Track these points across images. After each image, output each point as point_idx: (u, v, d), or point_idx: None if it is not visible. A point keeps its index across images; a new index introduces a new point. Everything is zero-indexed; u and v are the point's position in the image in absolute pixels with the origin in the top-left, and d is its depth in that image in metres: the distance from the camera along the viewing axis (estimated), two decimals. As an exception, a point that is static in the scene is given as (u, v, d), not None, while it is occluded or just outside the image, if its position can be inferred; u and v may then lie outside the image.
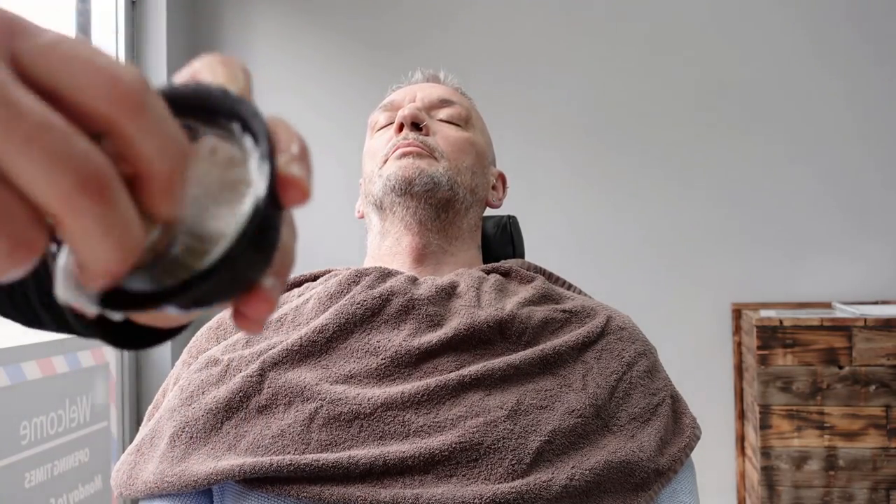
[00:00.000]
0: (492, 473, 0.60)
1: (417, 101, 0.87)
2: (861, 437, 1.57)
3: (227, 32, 2.18)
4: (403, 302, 0.71)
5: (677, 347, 1.86)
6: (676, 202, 2.03)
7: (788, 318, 1.62)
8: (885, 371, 1.56)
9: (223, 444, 0.64)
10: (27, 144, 0.19)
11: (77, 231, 0.20)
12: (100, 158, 0.20)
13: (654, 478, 0.66)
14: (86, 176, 0.19)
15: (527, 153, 2.04)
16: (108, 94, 0.20)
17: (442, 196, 0.81)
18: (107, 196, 0.20)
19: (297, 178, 0.24)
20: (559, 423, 0.64)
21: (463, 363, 0.68)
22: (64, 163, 0.19)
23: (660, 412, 0.71)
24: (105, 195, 0.20)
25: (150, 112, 0.21)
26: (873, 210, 1.97)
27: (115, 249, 0.20)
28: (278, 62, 2.17)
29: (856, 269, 1.96)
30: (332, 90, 2.15)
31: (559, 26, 2.10)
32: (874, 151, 1.98)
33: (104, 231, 0.20)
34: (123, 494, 0.67)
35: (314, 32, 2.18)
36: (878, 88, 1.98)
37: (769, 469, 1.59)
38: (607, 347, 0.73)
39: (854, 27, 1.99)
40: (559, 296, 0.79)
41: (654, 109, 2.05)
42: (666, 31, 2.07)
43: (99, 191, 0.20)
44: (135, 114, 0.20)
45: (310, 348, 0.68)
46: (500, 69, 2.08)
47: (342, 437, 0.62)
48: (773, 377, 1.60)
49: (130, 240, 0.21)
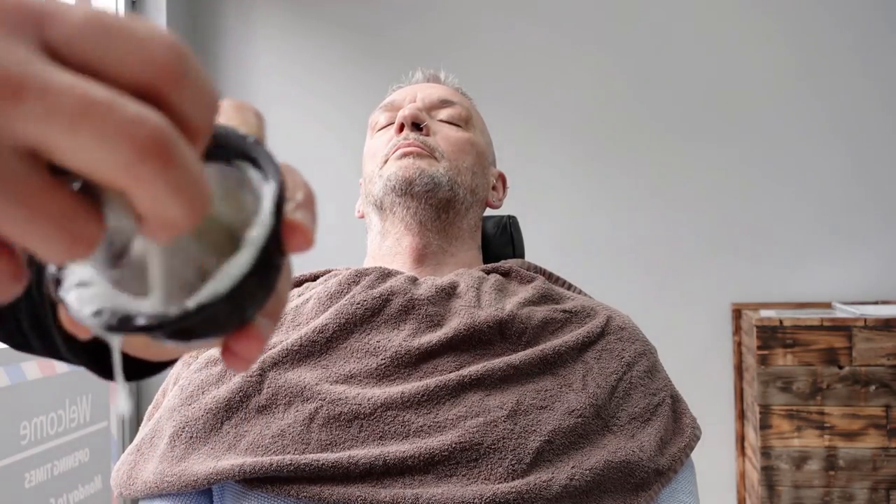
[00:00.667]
0: (492, 473, 0.60)
1: (418, 101, 0.87)
2: (861, 437, 1.57)
3: (227, 32, 2.18)
4: (403, 302, 0.71)
5: (677, 347, 1.86)
6: (677, 202, 2.03)
7: (788, 319, 1.62)
8: (885, 371, 1.56)
9: (223, 443, 0.64)
10: (76, 124, 0.18)
11: (147, 197, 0.20)
12: (154, 119, 0.19)
13: (655, 477, 0.66)
14: (143, 141, 0.19)
15: (527, 153, 2.04)
16: (147, 67, 0.20)
17: (442, 196, 0.81)
18: (170, 156, 0.19)
19: (303, 226, 0.24)
20: (559, 423, 0.64)
21: (463, 363, 0.68)
22: (118, 133, 0.19)
23: (660, 412, 0.72)
24: (168, 156, 0.19)
25: (191, 77, 0.21)
26: (873, 210, 1.97)
27: (187, 204, 0.20)
28: (278, 62, 2.17)
29: (856, 269, 1.96)
30: (331, 89, 2.15)
31: (559, 28, 2.10)
32: (871, 152, 1.98)
33: (175, 191, 0.20)
34: (123, 494, 0.67)
35: (314, 32, 2.18)
36: (874, 92, 1.98)
37: (769, 469, 1.59)
38: (607, 347, 0.73)
39: (842, 38, 1.99)
40: (559, 296, 0.79)
41: (654, 111, 2.06)
42: (667, 34, 2.07)
43: (160, 153, 0.19)
44: (176, 82, 0.20)
45: (310, 348, 0.68)
46: (501, 70, 2.09)
47: (342, 437, 0.62)
48: (773, 377, 1.60)
49: (200, 190, 0.21)
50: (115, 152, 0.19)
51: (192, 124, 0.21)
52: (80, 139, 0.18)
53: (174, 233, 0.21)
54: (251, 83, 2.17)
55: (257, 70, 2.17)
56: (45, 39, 0.19)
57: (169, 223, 0.21)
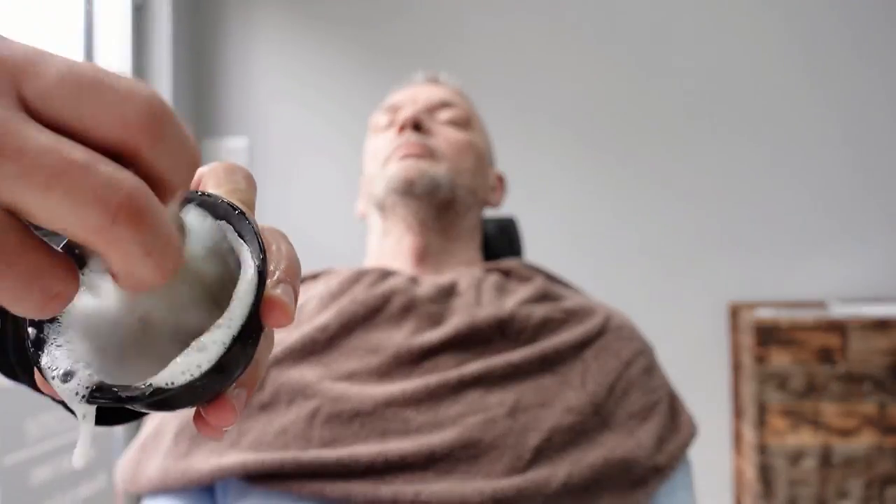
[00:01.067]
0: (492, 470, 0.61)
1: (419, 102, 0.88)
2: (856, 434, 1.58)
3: (231, 37, 2.19)
4: (404, 301, 0.72)
5: (674, 346, 1.87)
6: (673, 202, 2.04)
7: (784, 317, 1.63)
8: (879, 369, 1.57)
9: (226, 440, 0.65)
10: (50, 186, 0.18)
11: (118, 258, 0.20)
12: (128, 182, 0.19)
13: (652, 475, 0.67)
14: (118, 204, 0.19)
15: (526, 154, 2.05)
16: (123, 125, 0.20)
17: (443, 197, 0.82)
18: (141, 219, 0.19)
19: (282, 303, 0.24)
20: (558, 421, 0.65)
21: (463, 361, 0.68)
22: (91, 197, 0.19)
23: (657, 410, 0.72)
24: (139, 219, 0.19)
25: (167, 135, 0.20)
26: (869, 209, 1.97)
27: (158, 265, 0.20)
28: (282, 65, 2.17)
29: (851, 268, 1.97)
30: (333, 91, 2.15)
31: (559, 28, 2.11)
32: (869, 152, 1.99)
33: (146, 252, 0.20)
34: (128, 490, 0.67)
35: (317, 35, 2.18)
36: (877, 88, 1.99)
37: (765, 466, 1.60)
38: (606, 346, 0.74)
39: (844, 34, 2.00)
40: (558, 295, 0.80)
41: (651, 111, 2.06)
42: (662, 34, 2.07)
43: (132, 217, 0.19)
44: (152, 140, 0.20)
45: (311, 346, 0.69)
46: (501, 72, 2.09)
47: (343, 434, 0.63)
48: (769, 375, 1.61)
49: (171, 251, 0.21)
50: (87, 215, 0.19)
51: (167, 182, 0.21)
52: (53, 201, 0.18)
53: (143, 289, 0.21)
54: (252, 82, 2.17)
55: (259, 72, 2.17)
56: (23, 95, 0.19)
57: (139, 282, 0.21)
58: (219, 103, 2.17)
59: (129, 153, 0.20)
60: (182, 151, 0.21)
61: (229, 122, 2.17)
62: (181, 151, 0.21)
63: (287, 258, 0.26)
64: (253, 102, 2.16)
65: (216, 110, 2.17)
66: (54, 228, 0.19)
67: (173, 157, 0.21)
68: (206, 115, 2.17)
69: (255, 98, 2.16)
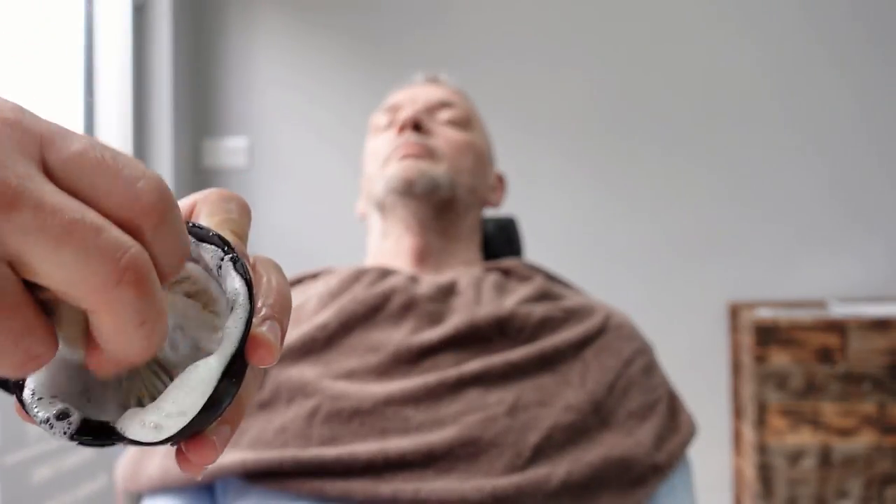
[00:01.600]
0: (491, 468, 0.61)
1: (418, 103, 0.88)
2: (855, 434, 1.58)
3: (231, 37, 2.19)
4: (404, 299, 0.72)
5: (674, 345, 1.87)
6: (673, 201, 2.04)
7: (784, 317, 1.63)
8: (878, 369, 1.58)
9: (226, 439, 0.65)
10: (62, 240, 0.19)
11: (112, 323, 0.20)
12: (136, 248, 0.20)
13: (652, 473, 0.67)
14: (125, 265, 0.20)
15: (526, 154, 2.05)
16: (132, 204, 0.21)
17: (443, 197, 0.82)
18: (145, 284, 0.20)
19: (267, 342, 0.24)
20: (558, 419, 0.65)
21: (463, 360, 0.68)
22: (102, 254, 0.19)
23: (657, 409, 0.72)
24: (144, 284, 0.20)
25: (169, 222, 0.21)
26: (869, 209, 1.98)
27: (148, 337, 0.21)
28: (282, 65, 2.18)
29: (850, 268, 1.97)
30: (334, 91, 2.15)
31: (559, 29, 2.11)
32: (870, 150, 1.99)
33: (140, 320, 0.20)
34: (129, 489, 0.68)
35: (318, 34, 2.18)
36: (876, 87, 1.99)
37: (764, 466, 1.60)
38: (605, 345, 0.74)
39: (853, 25, 2.00)
40: (558, 294, 0.80)
41: (651, 110, 2.06)
42: (662, 34, 2.08)
43: (139, 280, 0.20)
44: (156, 224, 0.21)
45: (311, 345, 0.69)
46: (501, 70, 2.09)
47: (343, 432, 0.63)
48: (769, 375, 1.61)
49: (162, 325, 0.21)
50: (94, 272, 0.19)
51: (161, 267, 0.21)
52: (63, 255, 0.19)
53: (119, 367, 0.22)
54: (252, 82, 2.17)
55: (260, 72, 2.17)
56: (45, 160, 0.20)
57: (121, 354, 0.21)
58: (219, 103, 2.18)
59: (133, 231, 0.21)
60: (178, 241, 0.22)
61: (229, 122, 2.17)
62: (177, 240, 0.22)
63: (276, 292, 0.26)
64: (253, 102, 2.17)
65: (216, 110, 2.18)
66: (55, 285, 0.19)
67: (170, 244, 0.22)
68: (206, 115, 2.17)
69: (255, 98, 2.17)
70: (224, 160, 2.15)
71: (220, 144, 2.15)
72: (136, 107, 1.97)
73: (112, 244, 0.19)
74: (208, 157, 2.15)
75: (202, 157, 2.16)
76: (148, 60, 2.00)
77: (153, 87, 2.00)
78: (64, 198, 0.20)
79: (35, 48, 1.77)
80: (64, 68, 1.88)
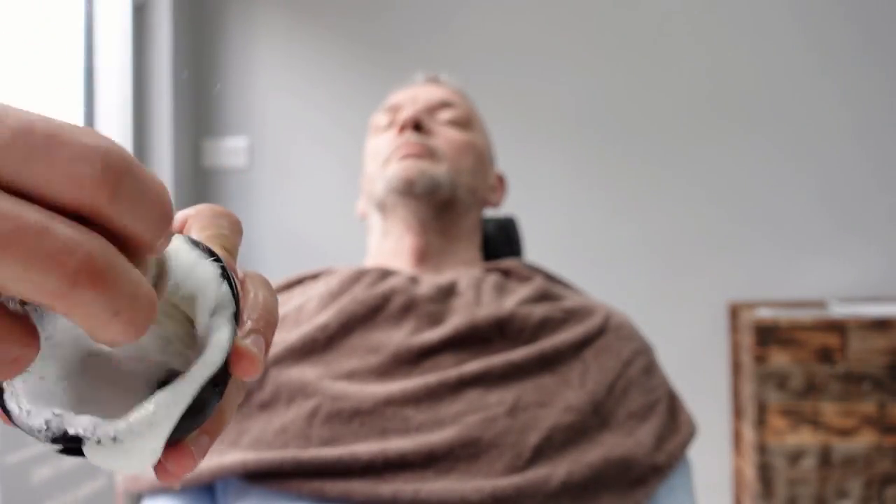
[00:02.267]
0: (491, 469, 0.61)
1: (419, 102, 0.88)
2: (855, 434, 1.58)
3: (231, 37, 2.19)
4: (404, 300, 0.72)
5: (674, 346, 1.87)
6: (673, 202, 2.04)
7: (784, 317, 1.63)
8: (878, 369, 1.58)
9: (226, 439, 0.65)
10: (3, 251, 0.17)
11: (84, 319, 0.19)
12: (87, 243, 0.18)
13: (652, 474, 0.67)
14: (75, 268, 0.18)
15: (526, 154, 2.05)
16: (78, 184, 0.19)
17: (443, 197, 0.82)
18: (104, 280, 0.18)
19: (251, 355, 0.24)
20: (558, 420, 0.65)
21: (463, 360, 0.68)
22: (49, 261, 0.18)
23: (657, 409, 0.72)
24: (101, 280, 0.18)
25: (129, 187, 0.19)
26: (869, 209, 1.98)
27: (128, 324, 0.19)
28: (282, 64, 2.18)
29: (851, 268, 1.97)
30: (333, 91, 2.15)
31: (559, 28, 2.11)
32: (870, 150, 1.99)
33: (113, 313, 0.19)
34: (129, 490, 0.67)
35: (317, 35, 2.18)
36: (875, 88, 1.99)
37: (764, 466, 1.60)
38: (605, 346, 0.74)
39: (848, 29, 2.00)
40: (558, 295, 0.80)
41: (651, 111, 2.06)
42: (663, 33, 2.08)
43: (93, 279, 0.18)
44: (112, 196, 0.19)
45: (311, 345, 0.69)
46: (501, 70, 2.09)
47: (343, 432, 0.63)
48: (769, 375, 1.61)
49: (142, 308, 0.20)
50: (44, 281, 0.18)
51: (136, 238, 0.20)
52: (7, 267, 0.17)
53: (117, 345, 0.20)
54: (252, 82, 2.17)
55: (260, 72, 2.17)
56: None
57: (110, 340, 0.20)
58: (219, 103, 2.17)
59: (89, 212, 0.19)
60: (147, 203, 0.20)
61: (229, 121, 2.17)
62: (146, 203, 0.20)
63: (262, 307, 0.26)
64: (253, 102, 2.16)
65: (216, 110, 2.17)
66: (12, 293, 0.18)
67: (138, 210, 0.20)
68: (206, 115, 2.17)
69: (255, 98, 2.16)
70: (224, 160, 2.15)
71: (221, 144, 2.15)
72: (137, 106, 1.97)
73: (57, 247, 0.18)
74: (208, 157, 2.15)
75: (202, 157, 2.16)
76: (148, 60, 2.00)
77: (153, 86, 2.00)
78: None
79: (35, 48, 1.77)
80: (64, 68, 1.88)
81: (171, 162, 2.00)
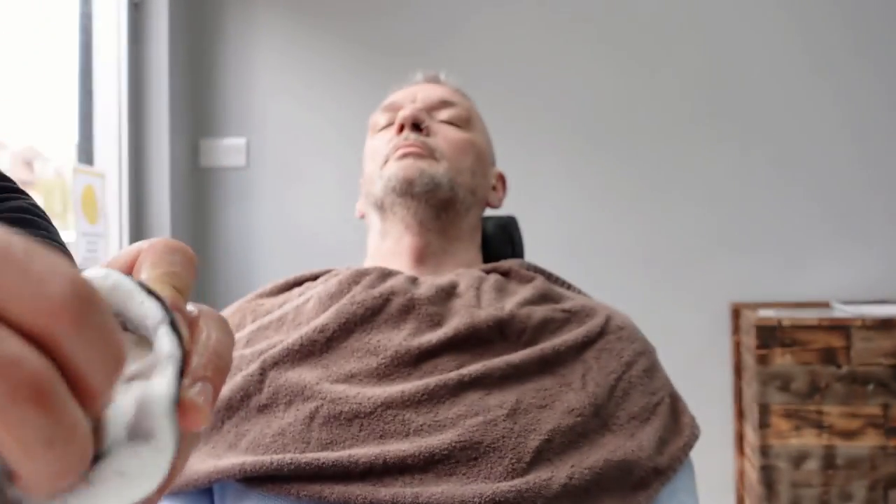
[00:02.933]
0: (491, 472, 0.60)
1: (418, 101, 0.87)
2: (859, 436, 1.57)
3: (229, 36, 2.18)
4: (404, 302, 0.71)
5: (676, 347, 1.86)
6: (675, 203, 2.03)
7: (787, 318, 1.63)
8: (883, 370, 1.57)
9: (224, 442, 0.65)
10: None
11: (16, 444, 0.18)
12: (36, 361, 0.18)
13: (654, 476, 0.67)
14: (18, 382, 0.17)
15: (527, 154, 2.05)
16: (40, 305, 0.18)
17: (442, 196, 0.81)
18: (46, 403, 0.18)
19: (195, 406, 0.23)
20: (559, 422, 0.64)
21: (463, 362, 0.68)
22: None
23: (659, 411, 0.72)
24: (44, 402, 0.18)
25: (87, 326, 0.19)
26: (871, 210, 1.97)
27: (61, 460, 0.18)
28: (279, 64, 2.17)
29: (854, 269, 1.96)
30: (332, 91, 2.15)
31: (559, 30, 2.10)
32: (871, 152, 1.98)
33: (48, 439, 0.18)
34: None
35: (315, 34, 2.18)
36: (873, 92, 1.99)
37: (768, 468, 1.59)
38: (607, 347, 0.73)
39: (847, 33, 2.00)
40: (559, 296, 0.80)
41: (652, 113, 2.06)
42: (663, 35, 2.07)
43: (38, 396, 0.17)
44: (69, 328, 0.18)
45: (310, 348, 0.69)
46: (501, 71, 2.09)
47: (342, 436, 0.62)
48: (772, 377, 1.60)
49: (78, 447, 0.19)
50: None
51: (85, 381, 0.19)
52: None
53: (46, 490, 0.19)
54: (250, 82, 2.17)
55: (260, 71, 2.17)
56: None
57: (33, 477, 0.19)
58: (217, 103, 2.17)
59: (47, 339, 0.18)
60: (104, 347, 0.19)
61: (228, 122, 2.16)
62: (103, 347, 0.19)
63: (213, 351, 0.25)
64: (251, 102, 2.16)
65: (215, 110, 2.17)
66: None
67: (94, 351, 0.19)
68: (204, 115, 2.16)
69: (253, 98, 2.16)
70: (222, 160, 2.14)
71: (218, 144, 2.15)
72: (134, 106, 1.96)
73: (6, 358, 0.17)
74: (206, 157, 2.15)
75: (200, 157, 2.15)
76: (145, 59, 1.99)
77: (151, 86, 1.99)
78: None
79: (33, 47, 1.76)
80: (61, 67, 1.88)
81: (169, 162, 1.99)
